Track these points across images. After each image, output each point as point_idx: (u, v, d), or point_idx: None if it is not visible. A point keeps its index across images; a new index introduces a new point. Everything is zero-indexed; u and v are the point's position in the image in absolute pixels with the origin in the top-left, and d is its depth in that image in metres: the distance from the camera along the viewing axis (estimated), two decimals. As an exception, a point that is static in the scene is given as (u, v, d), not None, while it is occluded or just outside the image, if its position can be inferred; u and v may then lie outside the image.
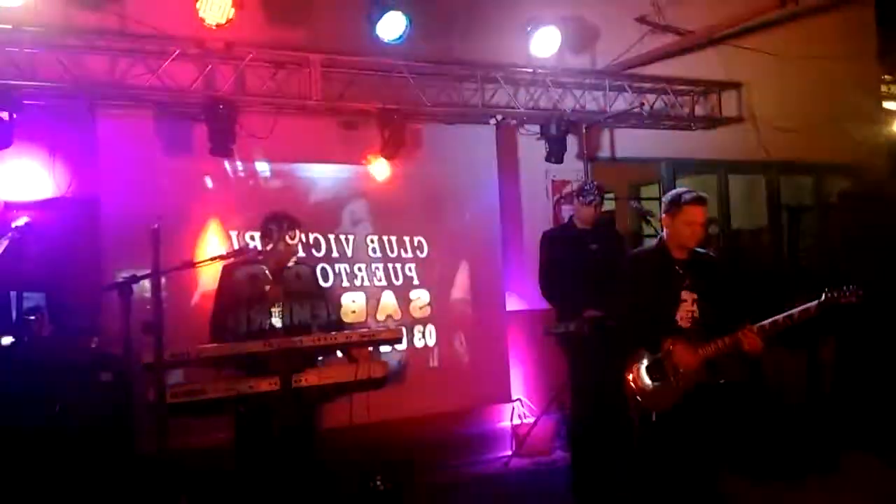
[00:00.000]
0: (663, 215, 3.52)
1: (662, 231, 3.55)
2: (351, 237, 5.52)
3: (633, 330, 3.44)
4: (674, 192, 3.53)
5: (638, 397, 3.38)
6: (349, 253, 5.51)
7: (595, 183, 4.85)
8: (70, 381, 3.76)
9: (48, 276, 4.40)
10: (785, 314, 3.22)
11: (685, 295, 3.39)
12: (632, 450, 3.51)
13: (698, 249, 3.53)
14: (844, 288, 3.18)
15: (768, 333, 3.22)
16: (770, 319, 3.23)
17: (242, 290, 3.74)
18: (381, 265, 5.60)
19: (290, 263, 3.85)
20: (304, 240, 5.30)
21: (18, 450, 3.57)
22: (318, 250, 5.40)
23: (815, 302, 3.20)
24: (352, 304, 5.46)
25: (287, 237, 3.75)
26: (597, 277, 4.36)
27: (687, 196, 3.42)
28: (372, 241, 5.59)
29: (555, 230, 4.97)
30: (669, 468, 3.36)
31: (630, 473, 3.52)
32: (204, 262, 3.59)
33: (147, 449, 3.82)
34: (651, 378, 3.37)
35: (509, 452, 5.67)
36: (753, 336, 3.21)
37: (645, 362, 3.39)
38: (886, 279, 5.36)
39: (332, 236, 5.46)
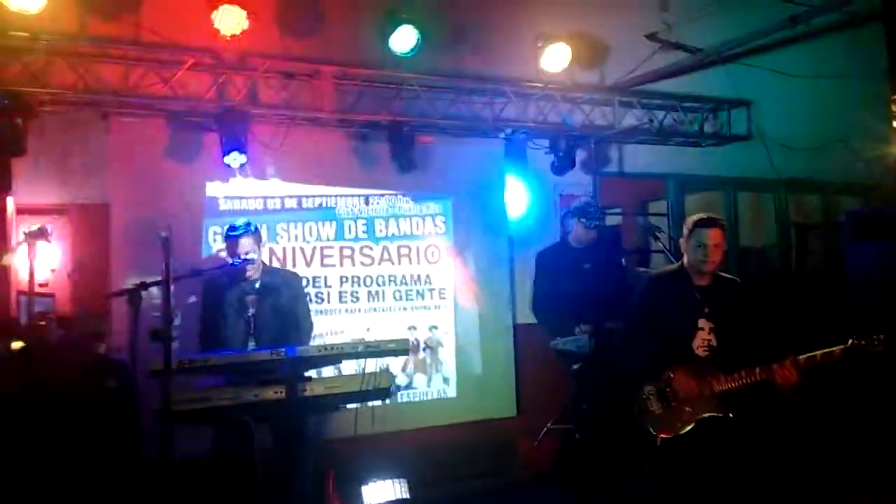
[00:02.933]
0: (681, 239, 3.47)
1: (681, 255, 3.50)
2: (356, 248, 5.55)
3: (644, 354, 3.36)
4: (689, 217, 3.49)
5: (643, 419, 3.33)
6: (355, 264, 5.53)
7: (598, 205, 4.83)
8: (77, 387, 3.77)
9: (58, 281, 4.42)
10: (823, 351, 3.10)
11: (702, 323, 3.32)
12: (638, 469, 3.47)
13: (722, 275, 3.45)
14: (873, 337, 3.06)
15: (803, 367, 3.12)
16: (807, 355, 3.11)
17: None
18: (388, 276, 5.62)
19: (256, 274, 3.87)
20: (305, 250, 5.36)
21: (25, 455, 3.57)
22: (326, 260, 5.42)
23: (840, 347, 3.09)
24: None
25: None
26: (588, 297, 4.35)
27: (696, 218, 3.39)
28: (382, 253, 5.61)
29: (547, 250, 4.92)
30: (673, 493, 3.32)
31: (636, 492, 3.47)
32: (212, 270, 3.62)
33: (152, 456, 3.83)
34: (658, 403, 3.31)
35: (512, 466, 5.63)
36: (792, 369, 3.11)
37: (653, 387, 3.34)
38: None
39: (340, 246, 5.48)
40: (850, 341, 3.08)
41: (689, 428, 3.22)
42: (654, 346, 3.33)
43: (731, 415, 3.21)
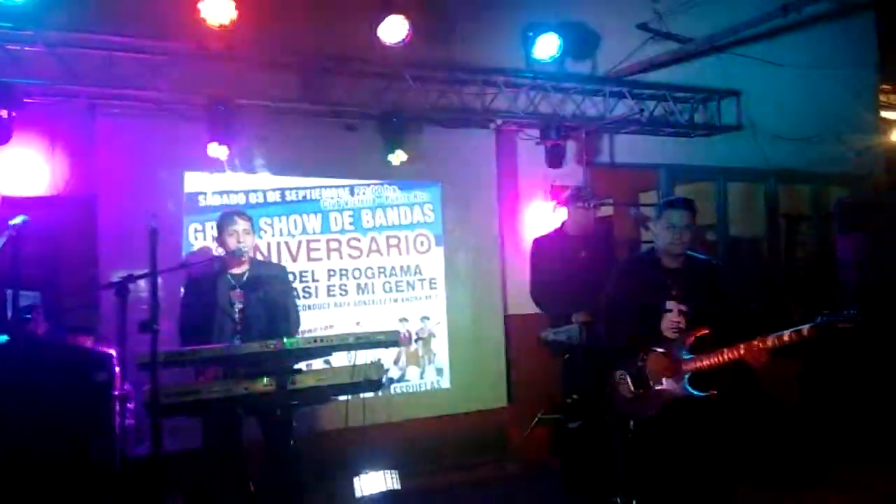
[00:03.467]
0: (651, 223, 3.50)
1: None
2: (343, 240, 5.53)
3: (618, 339, 3.38)
4: (662, 200, 3.53)
5: (616, 405, 3.36)
6: (343, 257, 5.51)
7: (590, 188, 4.85)
8: (65, 381, 3.74)
9: (44, 274, 4.38)
10: (791, 330, 3.06)
11: (671, 305, 3.32)
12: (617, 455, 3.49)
13: (697, 256, 3.45)
14: (844, 312, 3.01)
15: (772, 347, 3.11)
16: (775, 335, 3.09)
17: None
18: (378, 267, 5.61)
19: (243, 267, 3.85)
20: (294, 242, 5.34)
21: (11, 448, 3.55)
22: (316, 252, 5.40)
23: (809, 325, 3.02)
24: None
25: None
26: (586, 285, 4.35)
27: (667, 199, 3.44)
28: (372, 244, 5.60)
29: (545, 237, 4.93)
30: (651, 475, 3.33)
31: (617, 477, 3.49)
32: (201, 263, 3.59)
33: (141, 449, 3.82)
34: (630, 387, 3.33)
35: (503, 457, 5.65)
36: (761, 351, 3.10)
37: (624, 371, 3.35)
38: (885, 289, 5.36)
39: (326, 239, 5.46)
40: (819, 319, 3.02)
41: (659, 410, 3.25)
42: (626, 330, 3.35)
43: (700, 395, 3.21)
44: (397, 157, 5.30)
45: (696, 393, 3.21)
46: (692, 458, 3.26)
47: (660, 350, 3.25)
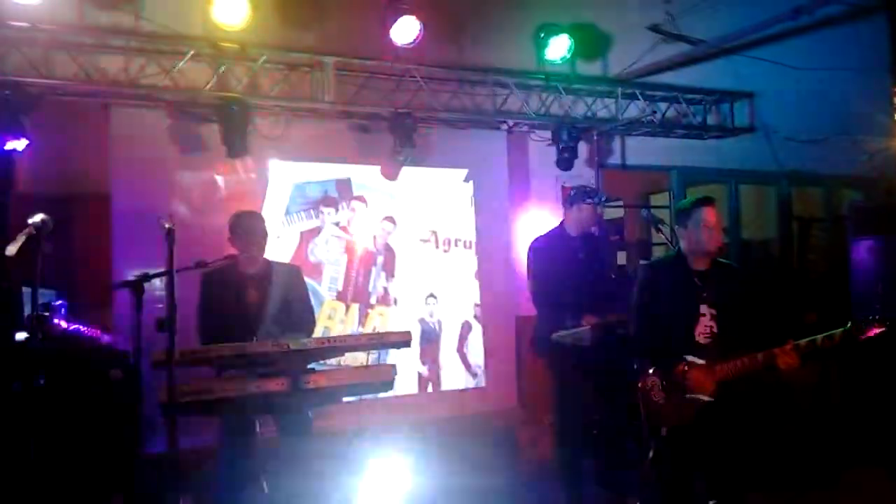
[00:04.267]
0: (677, 227, 3.41)
1: (679, 243, 3.41)
2: (359, 236, 5.55)
3: (649, 346, 3.31)
4: (681, 202, 3.46)
5: (649, 411, 3.30)
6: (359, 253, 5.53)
7: (598, 186, 4.82)
8: (82, 379, 3.76)
9: (61, 272, 4.42)
10: (824, 335, 3.08)
11: (704, 309, 3.26)
12: (643, 460, 3.46)
13: (719, 259, 3.40)
14: (870, 319, 3.02)
15: (804, 352, 3.09)
16: (808, 339, 3.09)
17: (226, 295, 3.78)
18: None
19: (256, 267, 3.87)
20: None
21: (29, 445, 3.57)
22: (330, 249, 5.43)
23: (841, 329, 3.06)
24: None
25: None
26: (585, 286, 4.33)
27: (693, 199, 3.36)
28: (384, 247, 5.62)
29: (543, 237, 4.87)
30: (679, 481, 3.30)
31: (641, 483, 3.46)
32: (216, 262, 3.61)
33: (156, 447, 3.84)
34: (661, 393, 3.27)
35: (515, 457, 5.64)
36: (793, 354, 3.08)
37: (658, 378, 3.29)
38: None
39: (343, 235, 5.48)
40: (850, 324, 3.04)
41: (693, 416, 3.21)
42: (658, 335, 3.29)
43: (733, 401, 3.19)
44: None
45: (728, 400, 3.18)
46: (718, 462, 3.23)
47: (699, 361, 3.21)
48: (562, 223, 4.73)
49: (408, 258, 5.68)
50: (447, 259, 5.81)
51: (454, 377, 5.76)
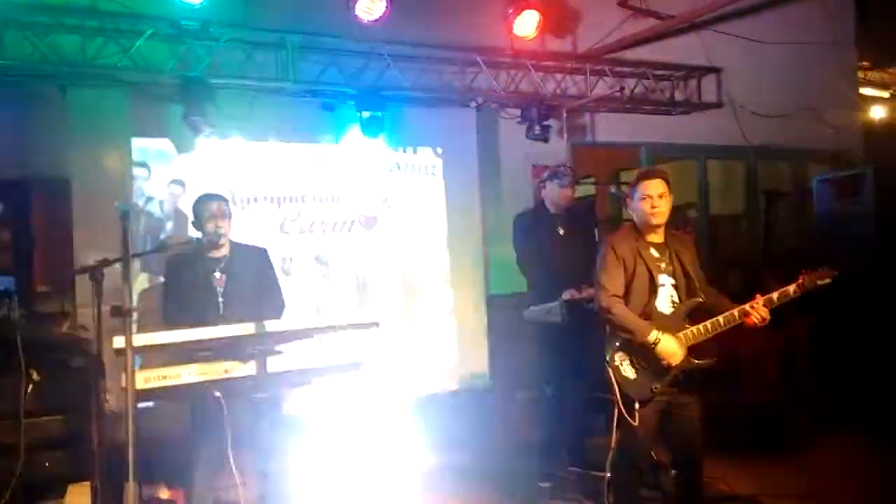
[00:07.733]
0: (627, 199, 3.49)
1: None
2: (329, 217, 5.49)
3: (618, 319, 3.31)
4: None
5: (620, 385, 3.31)
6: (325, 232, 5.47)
7: (569, 166, 4.84)
8: (42, 367, 3.69)
9: (18, 259, 4.32)
10: (780, 291, 3.27)
11: (663, 279, 3.33)
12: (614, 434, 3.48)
13: (674, 232, 3.47)
14: (818, 270, 3.27)
15: (775, 305, 3.26)
16: (779, 291, 3.27)
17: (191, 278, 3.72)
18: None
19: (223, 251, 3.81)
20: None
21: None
22: (296, 233, 5.36)
23: (794, 283, 3.27)
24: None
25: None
26: (566, 262, 4.36)
27: (640, 171, 3.45)
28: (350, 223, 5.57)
29: (526, 214, 4.92)
30: (651, 451, 3.37)
31: (612, 457, 3.48)
32: (179, 244, 3.55)
33: (119, 435, 3.78)
34: (634, 367, 3.31)
35: (488, 435, 5.67)
36: (763, 308, 3.23)
37: (623, 353, 3.32)
38: (862, 264, 5.42)
39: (307, 214, 5.42)
40: (801, 277, 3.27)
41: (664, 386, 3.26)
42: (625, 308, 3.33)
43: (702, 364, 3.26)
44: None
45: (700, 363, 3.26)
46: (684, 426, 3.32)
47: (666, 331, 3.24)
48: (542, 200, 4.78)
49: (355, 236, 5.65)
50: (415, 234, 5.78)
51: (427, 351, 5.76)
